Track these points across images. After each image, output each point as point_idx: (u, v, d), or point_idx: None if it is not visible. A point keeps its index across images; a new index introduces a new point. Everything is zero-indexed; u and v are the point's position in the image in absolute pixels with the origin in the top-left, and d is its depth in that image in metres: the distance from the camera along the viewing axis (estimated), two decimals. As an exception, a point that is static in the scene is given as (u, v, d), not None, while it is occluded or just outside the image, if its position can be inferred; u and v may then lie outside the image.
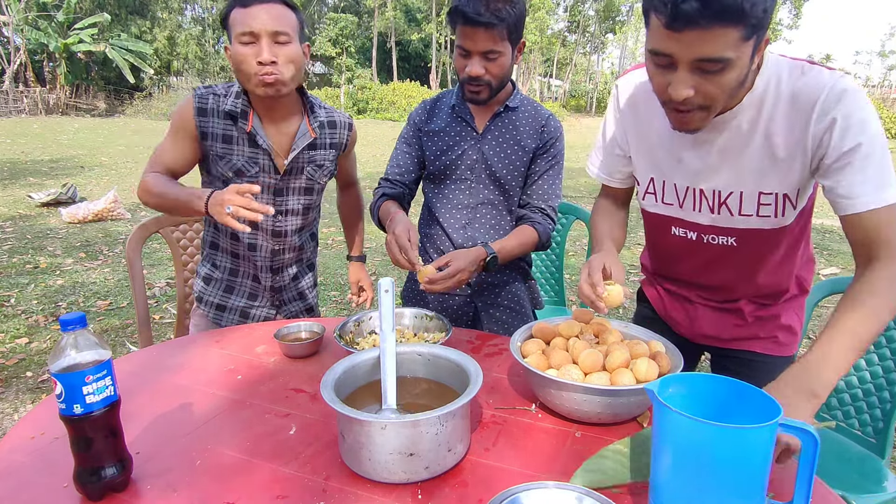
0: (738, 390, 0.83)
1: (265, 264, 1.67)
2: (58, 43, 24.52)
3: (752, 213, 1.13)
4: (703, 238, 1.21)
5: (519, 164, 1.63)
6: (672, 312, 1.39)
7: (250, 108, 1.53)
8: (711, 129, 1.08)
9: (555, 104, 32.31)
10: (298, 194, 1.64)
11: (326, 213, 7.01)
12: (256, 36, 1.40)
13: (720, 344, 1.34)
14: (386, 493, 0.87)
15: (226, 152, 1.53)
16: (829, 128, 0.98)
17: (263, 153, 1.54)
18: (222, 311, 1.71)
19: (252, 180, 1.54)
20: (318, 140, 1.64)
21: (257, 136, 1.52)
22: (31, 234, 5.67)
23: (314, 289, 1.87)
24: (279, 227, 1.64)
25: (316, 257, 1.88)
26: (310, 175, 1.64)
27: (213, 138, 1.51)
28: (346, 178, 1.89)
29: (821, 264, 5.19)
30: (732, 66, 0.90)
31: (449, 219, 1.67)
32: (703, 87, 0.93)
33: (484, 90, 1.51)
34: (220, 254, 1.69)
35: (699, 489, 0.75)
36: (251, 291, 1.72)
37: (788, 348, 1.31)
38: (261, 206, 1.26)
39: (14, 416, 2.59)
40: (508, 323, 1.73)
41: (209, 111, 1.50)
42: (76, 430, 0.84)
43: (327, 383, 0.95)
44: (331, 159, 1.69)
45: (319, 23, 37.92)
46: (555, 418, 1.08)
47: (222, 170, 1.54)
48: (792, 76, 1.02)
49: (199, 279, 1.74)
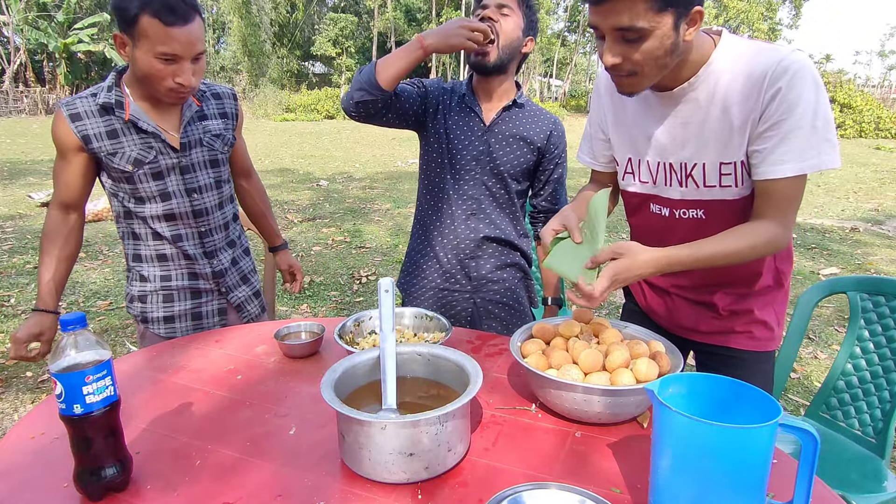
0: (738, 390, 0.83)
1: (197, 252, 1.63)
2: (57, 43, 24.50)
3: (715, 183, 1.18)
4: (675, 213, 1.26)
5: (523, 161, 1.66)
6: (653, 305, 1.43)
7: (125, 98, 1.49)
8: (670, 101, 1.17)
9: (555, 104, 32.26)
10: (205, 168, 1.61)
11: (327, 213, 7.01)
12: (180, 58, 1.37)
13: (700, 338, 1.37)
14: (386, 493, 0.87)
15: (116, 147, 1.48)
16: (774, 96, 1.05)
17: (153, 136, 1.51)
18: (171, 321, 1.65)
19: (154, 166, 1.51)
20: (207, 110, 1.62)
21: (139, 121, 1.48)
22: (31, 234, 5.67)
23: (255, 274, 1.84)
24: (198, 206, 1.60)
25: (246, 241, 1.83)
26: (210, 146, 1.61)
27: (98, 139, 1.46)
28: (243, 163, 1.84)
29: (821, 264, 5.19)
30: (650, 35, 1.00)
31: (455, 208, 1.69)
32: (628, 55, 1.04)
33: (492, 49, 1.54)
34: (145, 264, 1.62)
35: (699, 489, 0.75)
36: (192, 290, 1.66)
37: (765, 343, 1.33)
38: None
39: (14, 416, 2.59)
40: (507, 321, 1.75)
41: (82, 114, 1.45)
42: (76, 430, 0.84)
43: (327, 383, 0.95)
44: (226, 128, 1.66)
45: (319, 23, 37.95)
46: (555, 418, 1.08)
47: (120, 165, 1.49)
48: (749, 52, 1.09)
49: (136, 301, 1.65)
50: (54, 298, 1.54)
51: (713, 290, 1.31)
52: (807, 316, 1.78)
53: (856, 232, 6.51)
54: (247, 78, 31.64)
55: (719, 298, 1.31)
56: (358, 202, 7.70)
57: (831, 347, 3.47)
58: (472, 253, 1.70)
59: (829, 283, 1.78)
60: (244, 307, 1.77)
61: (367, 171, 10.46)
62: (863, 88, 29.01)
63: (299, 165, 11.08)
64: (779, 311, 1.34)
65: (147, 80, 1.41)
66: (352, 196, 8.13)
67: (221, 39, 36.94)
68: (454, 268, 1.72)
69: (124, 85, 1.50)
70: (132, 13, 1.32)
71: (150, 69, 1.38)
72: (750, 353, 1.33)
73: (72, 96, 1.49)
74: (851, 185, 9.86)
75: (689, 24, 1.03)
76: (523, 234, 1.77)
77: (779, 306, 1.33)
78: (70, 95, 22.37)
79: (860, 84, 39.41)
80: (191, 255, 1.62)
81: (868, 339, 1.69)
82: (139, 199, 1.54)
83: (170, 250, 1.61)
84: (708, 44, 1.12)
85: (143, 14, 1.31)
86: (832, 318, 3.92)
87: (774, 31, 36.68)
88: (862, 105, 21.94)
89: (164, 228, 1.57)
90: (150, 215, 1.55)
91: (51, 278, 1.53)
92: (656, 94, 1.18)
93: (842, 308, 4.04)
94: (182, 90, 1.42)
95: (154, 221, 1.56)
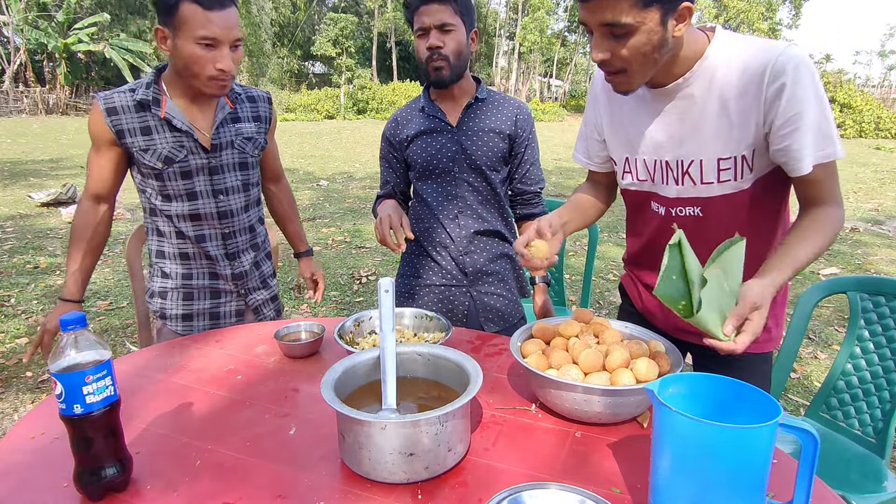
0: (738, 390, 0.83)
1: (219, 252, 1.64)
2: (57, 43, 24.49)
3: (712, 180, 1.18)
4: (671, 212, 1.26)
5: (497, 151, 1.70)
6: (649, 306, 1.42)
7: (162, 96, 1.52)
8: (666, 97, 1.17)
9: (555, 104, 32.26)
10: (234, 170, 1.63)
11: (327, 213, 7.02)
12: (219, 42, 1.40)
13: (697, 340, 1.35)
14: (386, 493, 0.87)
15: (148, 144, 1.51)
16: (779, 92, 1.05)
17: (186, 135, 1.53)
18: (189, 319, 1.67)
19: (183, 165, 1.53)
20: (241, 113, 1.64)
21: (174, 119, 1.51)
22: (31, 234, 5.68)
23: (274, 278, 1.85)
24: (223, 208, 1.62)
25: (269, 245, 1.84)
26: (241, 148, 1.63)
27: (132, 134, 1.49)
28: (273, 167, 1.85)
29: (821, 264, 5.18)
30: (636, 30, 1.01)
31: (442, 210, 1.73)
32: (616, 51, 1.05)
33: (445, 66, 1.59)
34: (167, 261, 1.64)
35: (699, 489, 0.75)
36: (212, 290, 1.68)
37: (763, 345, 1.32)
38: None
39: (14, 416, 2.59)
40: (502, 311, 1.78)
41: (119, 108, 1.49)
42: (76, 430, 0.84)
43: (327, 383, 0.95)
44: (258, 132, 1.68)
45: (319, 23, 37.93)
46: (555, 418, 1.08)
47: (150, 162, 1.51)
48: (744, 47, 1.10)
49: (156, 296, 1.67)
50: (80, 289, 1.59)
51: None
52: (807, 316, 1.78)
53: (856, 232, 6.51)
54: (247, 78, 31.66)
55: None
56: (358, 202, 7.70)
57: (831, 347, 3.47)
58: (465, 249, 1.73)
59: (828, 283, 1.78)
60: (261, 310, 1.78)
61: (367, 171, 10.45)
62: (863, 88, 29.00)
63: (299, 165, 11.08)
64: (777, 313, 1.33)
65: (188, 71, 1.44)
66: (352, 196, 8.13)
67: (221, 39, 36.86)
68: (449, 264, 1.75)
69: (163, 83, 1.53)
70: (172, 1, 1.38)
71: (190, 56, 1.41)
72: (747, 354, 1.32)
73: (109, 91, 1.52)
74: (851, 185, 9.86)
75: (677, 20, 1.03)
76: (510, 223, 1.82)
77: (777, 307, 1.32)
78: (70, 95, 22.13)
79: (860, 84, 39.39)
80: (212, 256, 1.64)
81: (868, 339, 1.69)
82: (166, 197, 1.57)
83: (192, 249, 1.63)
84: (702, 40, 1.12)
85: (182, 1, 1.37)
86: (832, 318, 3.92)
87: (774, 31, 36.69)
88: (862, 105, 21.94)
89: (188, 228, 1.59)
90: (175, 214, 1.58)
91: (78, 268, 1.57)
92: (651, 91, 1.19)
93: (842, 308, 4.04)
94: (223, 77, 1.45)
95: (179, 220, 1.59)
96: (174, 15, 1.38)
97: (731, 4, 33.06)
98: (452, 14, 1.57)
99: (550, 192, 8.36)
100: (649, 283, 1.41)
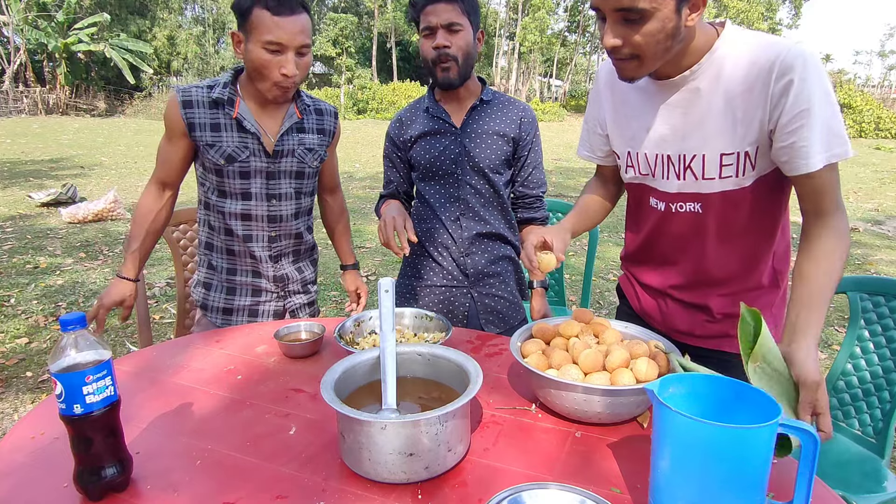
0: (738, 390, 0.83)
1: (263, 254, 1.68)
2: (57, 43, 24.49)
3: (714, 175, 1.17)
4: (671, 207, 1.25)
5: (500, 154, 1.69)
6: (647, 308, 1.42)
7: (237, 97, 1.57)
8: (671, 89, 1.16)
9: (555, 104, 32.25)
10: (290, 178, 1.67)
11: (326, 213, 7.01)
12: (284, 48, 1.45)
13: (695, 342, 1.35)
14: (386, 493, 0.87)
15: (215, 140, 1.56)
16: (787, 88, 1.03)
17: (252, 137, 1.58)
18: (229, 314, 1.72)
19: (244, 165, 1.58)
20: (306, 124, 1.68)
21: (244, 121, 1.56)
22: (31, 234, 5.68)
23: (314, 285, 1.88)
24: (274, 212, 1.66)
25: (317, 253, 1.88)
26: (300, 158, 1.66)
27: (201, 128, 1.55)
28: (331, 178, 1.89)
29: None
30: (651, 16, 1.00)
31: (444, 212, 1.73)
32: (629, 37, 1.03)
33: (452, 66, 1.58)
34: (215, 254, 1.70)
35: (699, 489, 0.75)
36: (254, 288, 1.72)
37: None
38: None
39: (14, 416, 2.59)
40: (503, 313, 1.78)
41: (194, 102, 1.54)
42: (76, 430, 0.84)
43: (327, 383, 0.95)
44: (321, 144, 1.72)
45: (319, 23, 37.90)
46: (555, 418, 1.08)
47: (213, 158, 1.57)
48: (753, 42, 1.09)
49: (199, 286, 1.74)
50: (137, 268, 1.66)
51: (708, 291, 1.29)
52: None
53: (856, 232, 6.51)
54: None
55: (714, 301, 1.29)
56: (358, 202, 7.70)
57: (831, 348, 3.47)
58: (467, 251, 1.73)
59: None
60: (298, 314, 1.81)
61: (368, 172, 10.45)
62: (863, 88, 29.03)
63: (299, 165, 11.06)
64: (776, 314, 1.31)
65: (256, 74, 1.49)
66: (352, 196, 8.13)
67: (221, 40, 36.92)
68: (450, 265, 1.75)
69: (239, 84, 1.59)
70: (246, 6, 1.44)
71: (258, 60, 1.46)
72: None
73: (188, 85, 1.58)
74: (851, 186, 9.86)
75: (691, 9, 1.02)
76: (513, 226, 1.81)
77: (776, 308, 1.31)
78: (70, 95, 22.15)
79: (860, 84, 39.41)
80: (256, 256, 1.68)
81: (868, 339, 1.69)
82: (222, 193, 1.62)
83: (238, 247, 1.67)
84: (711, 33, 1.11)
85: (255, 7, 1.43)
86: (832, 318, 3.92)
87: (774, 31, 36.68)
88: (862, 105, 21.96)
89: (238, 226, 1.64)
90: (228, 211, 1.62)
91: (137, 248, 1.64)
92: (657, 83, 1.18)
93: (842, 308, 4.04)
94: (287, 83, 1.49)
95: (230, 218, 1.63)
96: (247, 20, 1.44)
97: (731, 4, 33.06)
98: (459, 14, 1.55)
99: (550, 192, 8.36)
100: (647, 282, 1.40)
